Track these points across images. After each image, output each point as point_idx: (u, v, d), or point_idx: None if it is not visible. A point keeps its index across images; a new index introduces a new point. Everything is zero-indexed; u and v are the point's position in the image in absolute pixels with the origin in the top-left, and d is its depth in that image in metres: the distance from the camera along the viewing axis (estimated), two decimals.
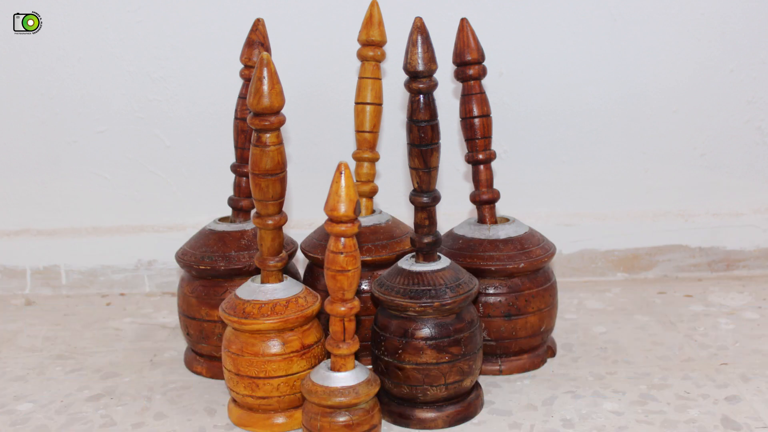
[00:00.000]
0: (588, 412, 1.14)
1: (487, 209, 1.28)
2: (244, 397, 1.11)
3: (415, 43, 1.05)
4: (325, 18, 1.52)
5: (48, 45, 1.53)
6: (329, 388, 1.03)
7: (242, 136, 1.26)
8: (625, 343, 1.34)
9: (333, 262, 1.00)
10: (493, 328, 1.23)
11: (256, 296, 1.10)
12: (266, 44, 1.25)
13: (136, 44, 1.53)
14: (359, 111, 1.27)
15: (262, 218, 1.08)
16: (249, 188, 1.25)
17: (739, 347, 1.31)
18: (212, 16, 1.52)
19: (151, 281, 1.61)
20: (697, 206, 1.62)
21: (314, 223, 1.55)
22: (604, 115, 1.57)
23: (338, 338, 1.04)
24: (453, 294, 1.09)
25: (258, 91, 1.02)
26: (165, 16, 1.52)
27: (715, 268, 1.61)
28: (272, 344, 1.08)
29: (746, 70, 1.56)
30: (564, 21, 1.53)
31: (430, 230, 1.11)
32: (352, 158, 1.31)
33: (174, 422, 1.14)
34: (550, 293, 1.26)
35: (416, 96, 1.07)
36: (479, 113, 1.25)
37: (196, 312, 1.25)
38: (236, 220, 1.29)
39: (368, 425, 1.05)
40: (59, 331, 1.44)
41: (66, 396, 1.22)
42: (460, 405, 1.13)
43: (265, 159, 1.05)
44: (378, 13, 1.25)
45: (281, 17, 1.50)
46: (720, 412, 1.13)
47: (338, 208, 0.98)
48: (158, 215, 1.60)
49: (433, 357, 1.09)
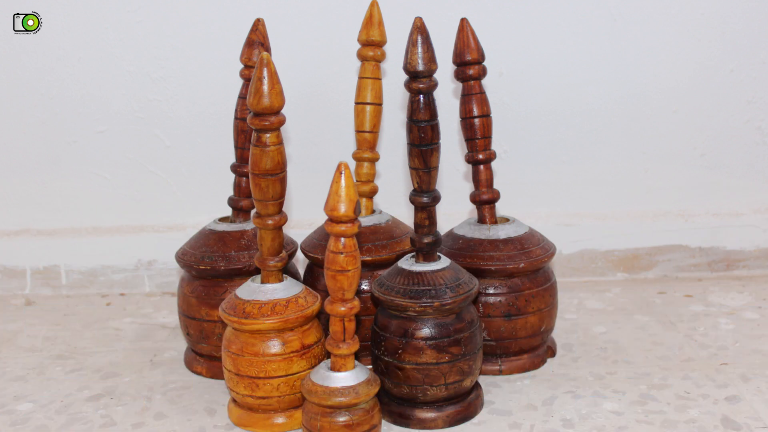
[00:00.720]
0: (588, 412, 1.14)
1: (487, 209, 1.28)
2: (244, 397, 1.11)
3: (415, 43, 1.05)
4: (325, 18, 1.52)
5: (48, 45, 1.53)
6: (329, 388, 1.03)
7: (242, 136, 1.26)
8: (625, 343, 1.34)
9: (333, 262, 1.00)
10: (493, 328, 1.23)
11: (256, 296, 1.10)
12: (266, 44, 1.25)
13: (136, 44, 1.53)
14: (359, 111, 1.27)
15: (262, 218, 1.08)
16: (249, 188, 1.25)
17: (739, 347, 1.31)
18: (212, 16, 1.52)
19: (151, 281, 1.61)
20: (697, 206, 1.62)
21: (314, 223, 1.55)
22: (604, 115, 1.57)
23: (338, 338, 1.04)
24: (453, 294, 1.09)
25: (258, 91, 1.02)
26: (165, 16, 1.52)
27: (715, 268, 1.61)
28: (272, 344, 1.08)
29: (746, 70, 1.56)
30: (564, 21, 1.53)
31: (430, 230, 1.11)
32: (352, 158, 1.31)
33: (174, 422, 1.14)
34: (550, 293, 1.26)
35: (416, 96, 1.07)
36: (479, 113, 1.25)
37: (196, 312, 1.25)
38: (236, 220, 1.29)
39: (368, 425, 1.05)
40: (59, 331, 1.44)
41: (66, 396, 1.22)
42: (460, 405, 1.13)
43: (265, 159, 1.05)
44: (378, 13, 1.25)
45: (281, 17, 1.50)
46: (720, 412, 1.13)
47: (338, 208, 0.98)
48: (158, 215, 1.60)
49: (433, 357, 1.09)
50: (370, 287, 1.22)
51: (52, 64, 1.54)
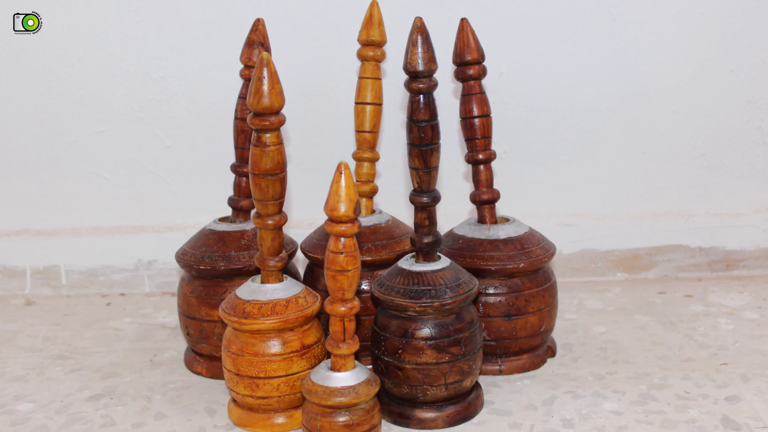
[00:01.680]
0: (588, 412, 1.14)
1: (487, 209, 1.28)
2: (244, 397, 1.11)
3: (415, 43, 1.05)
4: (325, 18, 1.52)
5: (48, 45, 1.53)
6: (329, 388, 1.03)
7: (242, 136, 1.26)
8: (625, 343, 1.33)
9: (333, 262, 1.00)
10: (493, 328, 1.23)
11: (256, 296, 1.10)
12: (266, 44, 1.25)
13: (136, 44, 1.53)
14: (359, 111, 1.27)
15: (262, 218, 1.08)
16: (249, 188, 1.25)
17: (739, 347, 1.31)
18: (212, 16, 1.52)
19: (151, 281, 1.61)
20: (697, 206, 1.62)
21: (314, 223, 1.55)
22: (604, 115, 1.57)
23: (338, 338, 1.04)
24: (453, 294, 1.09)
25: (258, 91, 1.02)
26: (165, 16, 1.52)
27: (715, 268, 1.61)
28: (272, 344, 1.08)
29: (746, 70, 1.56)
30: (564, 21, 1.53)
31: (430, 230, 1.11)
32: (352, 158, 1.31)
33: (174, 422, 1.14)
34: (550, 293, 1.26)
35: (416, 96, 1.07)
36: (479, 113, 1.25)
37: (196, 312, 1.24)
38: (236, 220, 1.29)
39: (368, 425, 1.05)
40: (59, 331, 1.44)
41: (66, 396, 1.22)
42: (460, 405, 1.13)
43: (265, 159, 1.05)
44: (378, 13, 1.25)
45: (281, 17, 1.50)
46: (720, 412, 1.13)
47: (338, 208, 0.98)
48: (158, 215, 1.60)
49: (433, 357, 1.09)
50: (370, 287, 1.22)
51: (52, 64, 1.54)
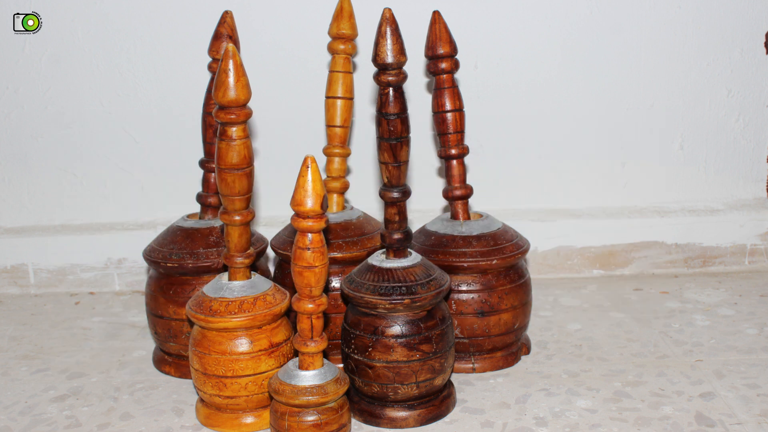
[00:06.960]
0: (561, 410, 1.12)
1: (460, 205, 1.26)
2: (212, 396, 1.08)
3: (384, 34, 1.03)
4: (296, 11, 1.50)
5: (14, 38, 1.50)
6: (297, 387, 1.01)
7: (210, 130, 1.24)
8: (600, 341, 1.32)
9: (300, 258, 0.98)
10: (466, 325, 1.21)
11: (223, 293, 1.08)
12: (234, 37, 1.23)
13: (104, 38, 1.50)
14: (330, 105, 1.25)
15: (229, 214, 1.06)
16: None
17: (714, 344, 1.30)
18: (182, 8, 1.49)
19: (121, 279, 1.58)
20: (674, 202, 1.61)
21: (287, 221, 1.53)
22: (580, 111, 1.56)
23: (306, 336, 1.02)
24: (424, 290, 1.07)
25: (223, 83, 1.00)
26: (133, 9, 1.49)
27: (691, 265, 1.60)
28: (240, 342, 1.06)
29: (723, 64, 1.55)
30: (540, 14, 1.52)
31: (400, 226, 1.10)
32: (323, 153, 1.29)
33: (140, 423, 1.12)
34: (524, 290, 1.24)
35: (385, 89, 1.05)
36: (452, 107, 1.23)
37: (163, 310, 1.22)
38: (205, 216, 1.27)
39: (337, 424, 1.03)
40: (26, 331, 1.41)
41: (30, 397, 1.19)
42: (432, 403, 1.11)
43: (231, 153, 1.03)
44: (349, 5, 1.23)
45: (251, 10, 1.48)
46: (694, 408, 1.11)
47: (304, 203, 0.96)
48: (128, 212, 1.58)
49: (404, 355, 1.07)
50: (340, 284, 1.20)
51: (17, 56, 1.51)
